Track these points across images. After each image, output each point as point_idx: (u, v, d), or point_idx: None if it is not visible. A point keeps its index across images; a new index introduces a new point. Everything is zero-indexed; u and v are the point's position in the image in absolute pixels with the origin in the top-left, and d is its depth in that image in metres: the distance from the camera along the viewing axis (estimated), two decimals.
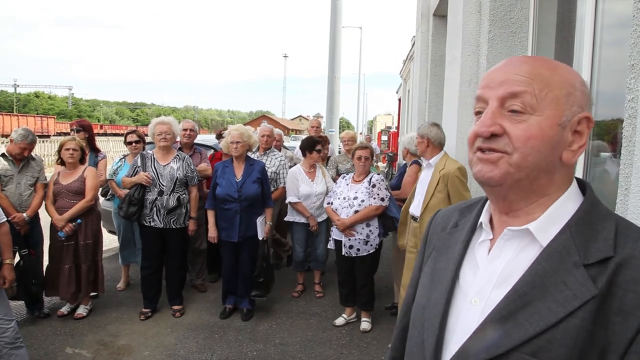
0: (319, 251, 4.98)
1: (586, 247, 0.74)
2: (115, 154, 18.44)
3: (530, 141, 0.76)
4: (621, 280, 0.69)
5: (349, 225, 4.03)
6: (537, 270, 0.75)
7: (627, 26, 1.67)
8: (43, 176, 4.28)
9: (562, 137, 0.78)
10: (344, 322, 4.29)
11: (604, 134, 2.28)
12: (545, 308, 0.71)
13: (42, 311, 4.21)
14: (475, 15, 3.75)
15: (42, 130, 35.98)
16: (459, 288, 0.86)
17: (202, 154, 5.17)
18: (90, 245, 4.19)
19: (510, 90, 0.78)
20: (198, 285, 5.08)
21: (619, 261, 0.70)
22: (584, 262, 0.72)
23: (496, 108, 0.79)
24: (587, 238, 0.75)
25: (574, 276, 0.71)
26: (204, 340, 3.89)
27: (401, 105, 19.82)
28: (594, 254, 0.72)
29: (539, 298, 0.73)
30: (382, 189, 4.08)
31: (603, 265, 0.71)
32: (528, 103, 0.77)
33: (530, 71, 0.78)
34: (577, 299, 0.70)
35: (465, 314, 0.82)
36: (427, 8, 7.35)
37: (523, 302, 0.74)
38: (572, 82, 0.79)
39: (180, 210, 4.28)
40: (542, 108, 0.77)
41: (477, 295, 0.81)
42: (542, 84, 0.77)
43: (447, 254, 0.92)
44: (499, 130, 0.78)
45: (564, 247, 0.75)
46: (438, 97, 6.76)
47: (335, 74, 10.04)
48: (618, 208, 1.68)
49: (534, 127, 0.76)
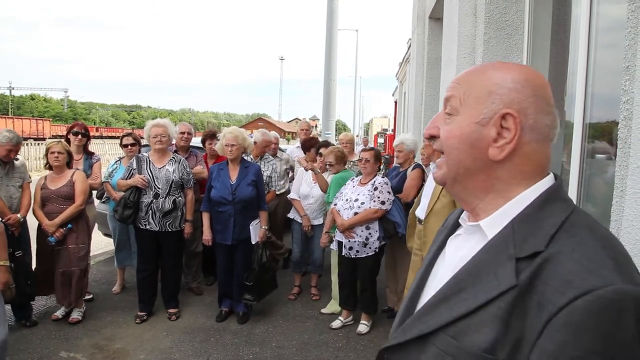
0: (315, 255, 4.97)
1: (525, 241, 0.74)
2: (111, 157, 18.39)
3: (449, 140, 0.84)
4: (544, 274, 0.69)
5: (347, 226, 4.04)
6: (476, 260, 0.79)
7: (622, 28, 1.68)
8: (27, 175, 4.30)
9: (482, 135, 0.80)
10: (341, 324, 4.28)
11: (599, 136, 2.29)
12: (472, 294, 0.75)
13: (30, 319, 4.12)
14: (471, 17, 3.76)
15: (37, 133, 35.90)
16: (430, 277, 0.95)
17: (197, 156, 5.16)
18: (80, 249, 4.15)
19: (445, 96, 0.87)
20: (194, 288, 5.06)
21: (546, 256, 0.70)
22: (517, 255, 0.73)
23: (441, 113, 0.88)
24: (529, 233, 0.75)
25: (504, 268, 0.73)
26: (199, 344, 3.87)
27: (397, 107, 19.89)
28: (527, 249, 0.73)
29: (471, 285, 0.77)
30: (384, 193, 4.06)
31: (532, 259, 0.72)
32: (454, 106, 0.84)
33: (461, 77, 0.86)
34: (498, 288, 0.72)
35: (427, 298, 0.88)
36: (423, 11, 7.38)
37: (458, 288, 0.78)
38: (497, 81, 0.81)
39: (176, 213, 4.26)
40: (464, 109, 0.83)
41: (439, 283, 0.86)
42: (467, 86, 0.84)
43: (433, 247, 1.01)
44: (435, 132, 0.87)
45: (503, 240, 0.77)
46: (434, 99, 6.78)
47: (332, 76, 10.04)
48: (614, 209, 1.68)
49: (454, 126, 0.83)
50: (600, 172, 2.27)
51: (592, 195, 2.32)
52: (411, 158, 4.62)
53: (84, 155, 4.85)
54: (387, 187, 4.12)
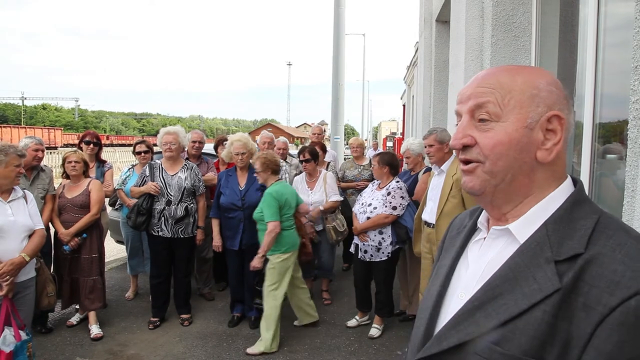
0: (323, 259, 4.98)
1: (561, 244, 0.75)
2: (122, 165, 18.60)
3: (497, 147, 0.81)
4: (587, 276, 0.70)
5: (360, 230, 4.10)
6: (510, 265, 0.78)
7: (630, 28, 1.68)
8: (52, 187, 4.29)
9: (532, 138, 0.81)
10: (356, 324, 4.37)
11: (609, 136, 2.28)
12: (512, 300, 0.75)
13: (45, 326, 4.16)
14: (478, 20, 3.76)
15: (49, 142, 36.32)
16: (452, 283, 0.93)
17: (208, 163, 5.20)
18: (94, 259, 4.17)
19: (476, 102, 0.84)
20: (205, 293, 5.09)
21: (588, 258, 0.72)
22: (555, 258, 0.74)
23: (467, 121, 0.85)
24: (564, 235, 0.76)
25: (544, 271, 0.74)
26: (212, 349, 3.90)
27: (406, 111, 19.85)
28: (566, 251, 0.74)
29: (509, 291, 0.76)
30: (397, 197, 4.06)
31: (573, 261, 0.73)
32: (492, 111, 0.82)
33: (491, 82, 0.83)
34: (541, 292, 0.72)
35: (452, 306, 0.87)
36: (430, 14, 7.38)
37: (494, 294, 0.78)
38: (535, 84, 0.82)
39: (188, 219, 4.30)
40: (506, 114, 0.81)
41: (464, 290, 0.86)
42: (503, 91, 0.82)
43: (450, 252, 0.99)
44: (470, 141, 0.84)
45: (538, 244, 0.77)
46: (442, 102, 6.77)
47: (340, 81, 10.05)
48: (625, 210, 1.67)
49: (500, 133, 0.81)
50: (611, 172, 2.26)
51: (603, 195, 2.31)
52: (421, 161, 4.62)
53: (96, 163, 4.92)
54: (401, 192, 4.11)
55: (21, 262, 2.96)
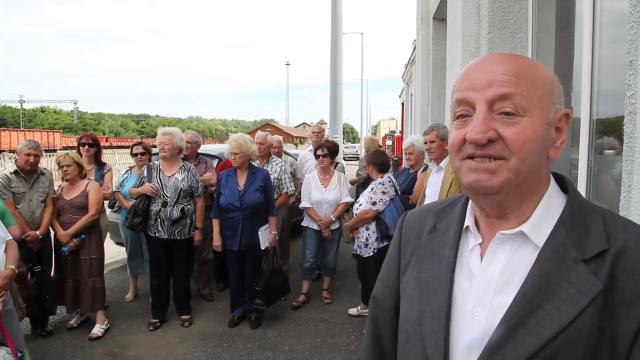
0: (329, 257, 4.99)
1: (582, 242, 0.73)
2: (121, 166, 18.54)
3: (527, 144, 0.73)
4: (619, 271, 0.69)
5: (350, 227, 4.31)
6: (540, 271, 0.73)
7: (625, 23, 1.67)
8: (52, 190, 4.27)
9: (550, 136, 0.77)
10: (357, 313, 4.53)
11: (606, 132, 2.28)
12: (554, 309, 0.70)
13: (45, 329, 4.15)
14: (475, 17, 3.76)
15: (48, 144, 36.35)
16: (456, 298, 0.82)
17: (207, 163, 5.19)
18: (94, 260, 4.17)
19: (500, 92, 0.74)
20: (206, 294, 5.09)
21: (615, 253, 0.71)
22: (582, 257, 0.72)
23: (486, 111, 0.75)
24: (581, 233, 0.74)
25: (576, 273, 0.71)
26: (213, 349, 3.90)
27: (404, 109, 19.83)
28: (591, 249, 0.72)
29: (546, 300, 0.71)
30: (378, 193, 4.13)
31: (601, 258, 0.71)
32: (519, 104, 0.74)
33: (515, 70, 0.75)
34: (584, 296, 0.69)
35: (467, 326, 0.78)
36: (427, 12, 7.38)
37: (532, 307, 0.72)
38: (551, 79, 0.79)
39: (184, 221, 4.28)
40: (532, 108, 0.74)
41: (477, 304, 0.78)
42: (528, 83, 0.75)
43: (433, 262, 0.88)
44: (494, 136, 0.74)
45: (561, 244, 0.74)
46: (440, 100, 6.77)
47: (338, 80, 10.07)
48: (622, 204, 1.67)
49: (528, 129, 0.74)
50: (608, 167, 2.26)
51: (601, 191, 2.31)
52: (421, 159, 4.62)
53: (95, 165, 4.91)
54: (382, 188, 4.15)
55: (11, 274, 2.88)
